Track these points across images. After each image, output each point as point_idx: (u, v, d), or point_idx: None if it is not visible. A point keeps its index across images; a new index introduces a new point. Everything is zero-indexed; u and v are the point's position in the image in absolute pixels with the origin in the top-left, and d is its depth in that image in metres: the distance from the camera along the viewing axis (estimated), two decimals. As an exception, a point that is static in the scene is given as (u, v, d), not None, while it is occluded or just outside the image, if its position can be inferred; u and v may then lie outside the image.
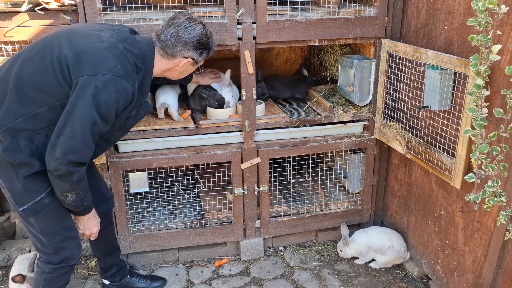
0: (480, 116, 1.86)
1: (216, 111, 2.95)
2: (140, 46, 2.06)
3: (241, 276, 3.03)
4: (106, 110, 1.89)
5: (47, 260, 2.19)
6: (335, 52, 3.57)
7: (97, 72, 1.86)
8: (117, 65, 1.91)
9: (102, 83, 1.85)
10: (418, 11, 2.67)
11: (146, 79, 2.11)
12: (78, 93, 1.85)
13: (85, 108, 1.84)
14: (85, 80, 1.85)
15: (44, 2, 2.30)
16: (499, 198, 1.88)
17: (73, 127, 1.85)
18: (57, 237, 2.13)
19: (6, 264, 3.09)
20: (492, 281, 2.26)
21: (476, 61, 1.87)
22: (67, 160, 1.86)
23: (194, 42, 2.10)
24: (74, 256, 2.22)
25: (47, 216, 2.07)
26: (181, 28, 2.07)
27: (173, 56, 2.12)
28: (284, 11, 2.69)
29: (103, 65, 1.88)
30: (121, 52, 1.95)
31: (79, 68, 1.87)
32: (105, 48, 1.93)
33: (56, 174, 1.89)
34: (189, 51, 2.13)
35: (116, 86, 1.89)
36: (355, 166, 3.23)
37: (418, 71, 2.60)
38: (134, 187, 2.89)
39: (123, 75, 1.92)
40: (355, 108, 3.12)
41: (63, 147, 1.85)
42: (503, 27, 1.96)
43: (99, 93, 1.85)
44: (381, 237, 3.01)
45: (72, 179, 1.92)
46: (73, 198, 2.00)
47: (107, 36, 1.98)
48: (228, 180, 3.03)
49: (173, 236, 3.03)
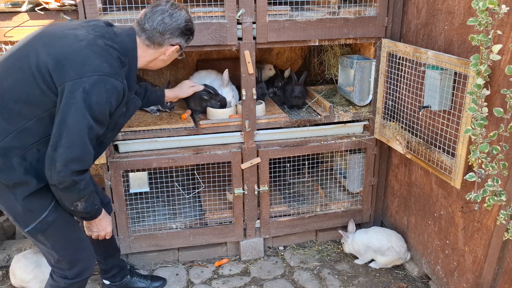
0: (481, 116, 1.87)
1: (216, 111, 2.95)
2: (120, 39, 1.95)
3: (241, 276, 3.03)
4: (99, 112, 1.81)
5: (62, 275, 2.13)
6: (335, 52, 3.57)
7: (83, 74, 1.76)
8: (102, 63, 1.81)
9: (90, 85, 1.76)
10: (418, 11, 2.67)
11: (132, 72, 2.02)
12: (67, 100, 1.75)
13: (77, 114, 1.75)
14: (71, 85, 1.75)
15: (44, 2, 2.30)
16: (499, 197, 1.88)
17: (69, 136, 1.76)
18: (70, 251, 2.08)
19: (6, 264, 3.09)
20: (492, 281, 2.26)
21: (476, 61, 1.87)
22: (71, 171, 1.79)
23: (181, 28, 2.01)
24: (89, 267, 2.18)
25: (56, 232, 2.01)
26: (167, 15, 1.97)
27: (160, 45, 2.02)
28: (284, 11, 2.69)
29: (87, 65, 1.78)
30: (102, 49, 1.85)
31: (62, 74, 1.77)
32: (85, 46, 1.82)
33: (61, 187, 1.82)
34: (176, 38, 2.03)
35: (106, 86, 1.80)
36: (355, 166, 3.23)
37: (418, 71, 2.60)
38: (134, 187, 2.89)
39: (110, 73, 1.82)
40: (355, 108, 3.12)
41: (63, 158, 1.76)
42: (503, 27, 1.96)
43: (89, 96, 1.76)
44: (380, 238, 3.01)
45: (79, 188, 1.85)
46: (83, 205, 1.93)
47: (84, 34, 1.86)
48: (228, 180, 3.03)
49: (173, 236, 3.03)
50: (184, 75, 3.68)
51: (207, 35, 2.58)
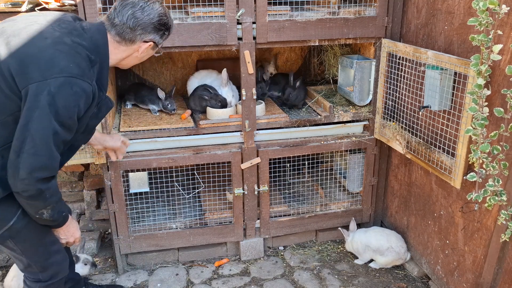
0: (481, 116, 1.87)
1: (216, 111, 2.95)
2: (90, 35, 1.80)
3: (241, 276, 3.03)
4: (67, 117, 1.68)
5: (35, 279, 2.07)
6: (335, 52, 3.57)
7: (48, 76, 1.63)
8: (69, 63, 1.67)
9: (55, 88, 1.63)
10: (418, 11, 2.67)
11: (103, 71, 1.86)
12: (31, 104, 1.62)
13: (42, 119, 1.62)
14: (35, 88, 1.62)
15: (44, 2, 2.30)
16: (500, 197, 1.88)
17: (34, 142, 1.64)
18: (41, 256, 2.01)
19: (6, 264, 3.09)
20: (492, 281, 2.26)
21: (477, 61, 1.87)
22: (35, 179, 1.67)
23: (154, 23, 1.85)
24: (62, 269, 2.12)
25: (25, 238, 1.92)
26: (138, 9, 1.81)
27: (132, 41, 1.86)
28: (284, 11, 2.69)
29: (53, 66, 1.64)
30: (70, 48, 1.70)
31: (25, 75, 1.63)
32: (51, 45, 1.68)
33: (25, 195, 1.70)
34: (150, 34, 1.87)
35: (73, 89, 1.66)
36: (355, 166, 3.23)
37: (418, 71, 2.60)
38: (134, 187, 2.89)
39: (77, 74, 1.68)
40: (355, 108, 3.12)
41: (27, 165, 1.65)
42: (503, 27, 1.96)
43: (54, 99, 1.62)
44: (379, 238, 3.01)
45: (45, 197, 1.74)
46: (50, 213, 1.82)
47: (50, 31, 1.72)
48: (228, 180, 3.03)
49: (173, 236, 3.03)
50: (184, 75, 3.68)
51: (207, 35, 2.58)
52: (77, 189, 3.48)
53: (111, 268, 3.11)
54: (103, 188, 3.46)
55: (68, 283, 2.54)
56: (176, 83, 3.70)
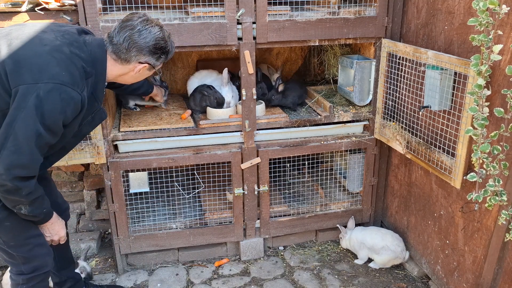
0: (482, 116, 1.87)
1: (216, 111, 2.95)
2: (90, 49, 1.89)
3: (241, 276, 3.03)
4: (52, 122, 1.73)
5: (18, 271, 2.09)
6: (335, 52, 3.57)
7: (39, 80, 1.69)
8: (61, 71, 1.73)
9: (44, 92, 1.68)
10: (418, 11, 2.67)
11: (99, 84, 1.94)
12: (18, 104, 1.68)
13: (27, 120, 1.68)
14: (25, 89, 1.68)
15: (44, 2, 2.29)
16: (500, 197, 1.88)
17: (16, 140, 1.69)
18: (23, 247, 2.02)
19: (6, 264, 3.09)
20: (492, 281, 2.26)
21: (477, 61, 1.87)
22: (12, 176, 1.72)
23: (149, 47, 1.93)
24: (46, 263, 2.12)
25: (8, 230, 1.95)
26: (135, 32, 1.89)
27: (127, 61, 1.95)
28: (284, 11, 2.69)
29: (45, 71, 1.71)
30: (66, 57, 1.78)
31: (18, 76, 1.70)
32: (48, 52, 1.75)
33: (1, 189, 1.76)
34: (144, 56, 1.95)
35: (61, 95, 1.72)
36: (355, 166, 3.23)
37: (418, 71, 2.60)
38: (134, 187, 2.89)
39: (68, 82, 1.74)
40: (355, 108, 3.12)
41: (6, 162, 1.70)
42: (503, 27, 1.96)
43: (42, 103, 1.68)
44: (374, 236, 3.02)
45: (21, 194, 1.79)
46: (28, 209, 1.87)
47: (51, 39, 1.80)
48: (228, 180, 3.03)
49: (173, 236, 3.03)
50: (184, 75, 3.68)
51: (207, 35, 2.58)
52: (77, 189, 3.48)
53: (111, 268, 3.11)
54: (103, 188, 3.46)
55: (68, 282, 2.58)
56: (176, 83, 3.70)
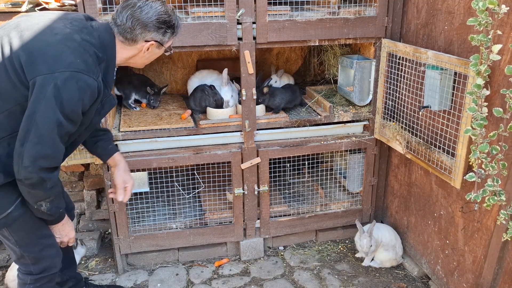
0: (481, 116, 1.87)
1: (216, 111, 2.96)
2: (98, 34, 1.86)
3: (241, 276, 3.03)
4: (71, 110, 1.74)
5: (27, 271, 2.10)
6: (335, 52, 3.57)
7: (55, 69, 1.69)
8: (76, 59, 1.73)
9: (61, 81, 1.69)
10: (418, 11, 2.67)
11: (110, 69, 1.92)
12: (37, 95, 1.69)
13: (47, 110, 1.69)
14: (42, 80, 1.69)
15: (44, 2, 2.30)
16: (499, 197, 1.88)
17: (38, 131, 1.70)
18: (34, 247, 2.04)
19: (6, 264, 3.09)
20: (492, 281, 2.26)
21: (476, 61, 1.87)
22: (38, 167, 1.73)
23: (153, 21, 1.86)
24: (55, 264, 2.14)
25: (21, 228, 1.96)
26: (137, 9, 1.84)
27: (134, 41, 1.90)
28: (284, 11, 2.70)
29: (60, 61, 1.71)
30: (78, 44, 1.76)
31: (33, 68, 1.70)
32: (60, 41, 1.74)
33: (27, 183, 1.76)
34: (150, 32, 1.88)
35: (78, 83, 1.72)
36: (355, 166, 3.23)
37: (418, 71, 2.60)
38: (134, 187, 2.89)
39: (84, 69, 1.74)
40: (355, 108, 3.12)
41: (31, 154, 1.71)
42: (503, 27, 1.96)
43: (60, 92, 1.69)
44: (388, 235, 3.03)
45: (46, 186, 1.80)
46: (48, 206, 1.88)
47: (60, 27, 1.79)
48: (228, 180, 3.03)
49: (173, 236, 3.03)
50: (184, 74, 3.68)
51: (207, 35, 2.58)
52: (77, 189, 3.49)
53: (111, 268, 3.12)
54: (103, 188, 3.46)
55: (69, 282, 2.58)
56: (176, 83, 3.71)
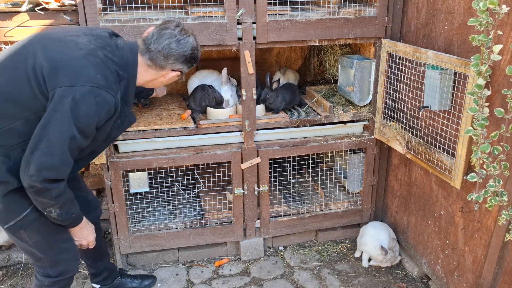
0: (482, 116, 1.86)
1: (216, 111, 2.95)
2: (122, 53, 1.92)
3: (241, 276, 3.03)
4: (86, 125, 1.78)
5: (45, 273, 2.12)
6: (335, 52, 3.57)
7: (75, 83, 1.73)
8: (97, 75, 1.78)
9: (80, 95, 1.73)
10: (418, 11, 2.67)
11: (130, 88, 1.98)
12: (55, 106, 1.72)
13: (62, 122, 1.72)
14: (62, 92, 1.72)
15: (44, 2, 2.30)
16: (500, 197, 1.88)
17: (49, 142, 1.73)
18: (52, 251, 2.06)
19: (6, 264, 3.09)
20: (492, 281, 2.26)
21: (477, 61, 1.87)
22: (42, 178, 1.75)
23: (187, 56, 1.98)
24: (72, 268, 2.16)
25: (38, 231, 1.98)
26: (174, 41, 1.93)
27: (162, 68, 1.99)
28: (284, 11, 2.69)
29: (82, 75, 1.76)
30: (101, 60, 1.83)
31: (55, 79, 1.74)
32: (83, 56, 1.80)
33: (31, 190, 1.79)
34: (180, 64, 2.00)
35: (96, 98, 1.76)
36: (355, 166, 3.23)
37: (418, 71, 2.60)
38: (134, 187, 2.89)
39: (103, 85, 1.78)
40: (355, 108, 3.12)
41: (38, 163, 1.73)
42: (504, 27, 1.96)
43: (77, 105, 1.72)
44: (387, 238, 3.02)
45: (50, 195, 1.81)
46: (57, 212, 1.89)
47: (85, 43, 1.85)
48: (228, 180, 3.03)
49: (173, 236, 3.03)
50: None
51: (207, 35, 2.58)
52: (77, 189, 3.48)
53: (111, 268, 3.11)
54: (103, 188, 3.46)
55: (104, 273, 2.67)
56: (176, 83, 3.70)
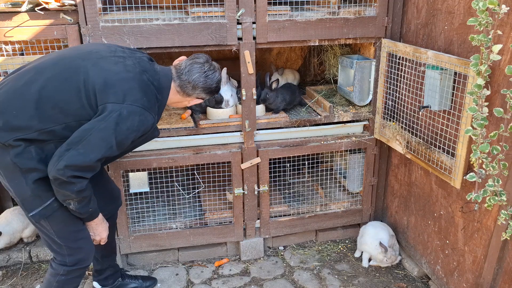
0: (481, 116, 1.86)
1: (216, 111, 2.96)
2: (159, 77, 2.14)
3: (241, 276, 3.03)
4: (125, 138, 1.96)
5: (62, 261, 2.20)
6: (335, 52, 3.57)
7: (124, 101, 1.94)
8: (143, 97, 1.99)
9: (127, 112, 1.93)
10: (418, 11, 2.67)
11: (161, 109, 2.21)
12: (102, 117, 1.91)
13: (105, 131, 1.90)
14: (111, 106, 1.92)
15: (44, 2, 2.30)
16: (500, 197, 1.88)
17: (87, 145, 1.89)
18: (71, 238, 2.16)
19: (6, 264, 3.09)
20: (492, 281, 2.26)
21: (476, 61, 1.87)
22: (70, 173, 1.88)
23: (212, 88, 2.24)
24: (89, 257, 2.25)
25: (60, 219, 2.09)
26: (203, 75, 2.18)
27: (189, 95, 2.25)
28: (284, 11, 2.69)
29: (130, 95, 1.96)
30: (146, 84, 2.04)
31: (106, 95, 1.93)
32: (132, 79, 2.00)
33: (56, 182, 1.92)
34: (205, 94, 2.26)
35: (140, 117, 1.97)
36: (355, 166, 3.23)
37: (418, 71, 2.60)
38: (134, 187, 2.89)
39: (147, 107, 2.00)
40: (355, 108, 3.12)
41: (69, 160, 1.87)
42: (503, 27, 1.96)
43: (122, 120, 1.92)
44: (386, 238, 3.02)
45: (72, 189, 1.93)
46: (76, 205, 2.02)
47: (132, 65, 2.05)
48: (228, 180, 3.03)
49: (173, 236, 3.03)
50: (184, 75, 3.67)
51: (207, 35, 2.58)
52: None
53: (111, 268, 3.11)
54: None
55: (108, 270, 2.72)
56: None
